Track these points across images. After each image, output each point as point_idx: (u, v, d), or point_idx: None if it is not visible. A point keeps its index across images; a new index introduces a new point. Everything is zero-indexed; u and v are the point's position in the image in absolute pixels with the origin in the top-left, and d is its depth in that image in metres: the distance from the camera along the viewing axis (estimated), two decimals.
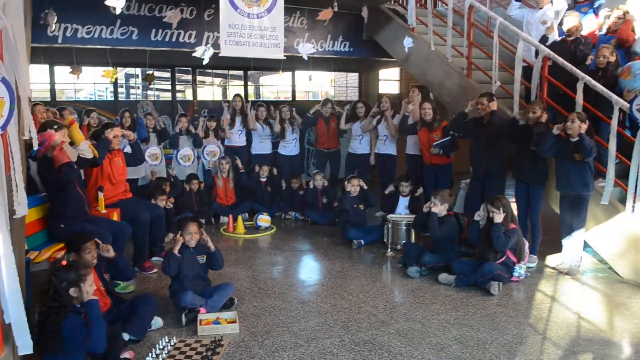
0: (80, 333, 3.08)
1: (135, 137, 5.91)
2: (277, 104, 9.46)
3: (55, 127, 4.42)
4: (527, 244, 5.13)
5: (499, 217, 4.80)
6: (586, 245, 5.48)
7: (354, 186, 6.59)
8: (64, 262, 3.27)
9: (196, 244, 4.42)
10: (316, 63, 9.01)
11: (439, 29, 7.52)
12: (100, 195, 5.08)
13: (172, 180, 7.05)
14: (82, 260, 3.61)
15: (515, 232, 4.85)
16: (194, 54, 6.45)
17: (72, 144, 4.71)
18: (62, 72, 9.62)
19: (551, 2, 6.42)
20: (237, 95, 8.16)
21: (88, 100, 10.66)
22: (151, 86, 9.15)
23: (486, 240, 4.89)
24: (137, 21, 7.30)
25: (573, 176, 5.05)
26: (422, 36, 7.64)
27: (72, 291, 3.17)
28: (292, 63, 9.13)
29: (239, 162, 7.80)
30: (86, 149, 4.74)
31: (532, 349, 3.69)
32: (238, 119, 7.99)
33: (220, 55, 6.46)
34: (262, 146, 8.21)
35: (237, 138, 8.07)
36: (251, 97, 11.33)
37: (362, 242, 6.26)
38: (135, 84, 11.35)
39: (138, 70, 10.64)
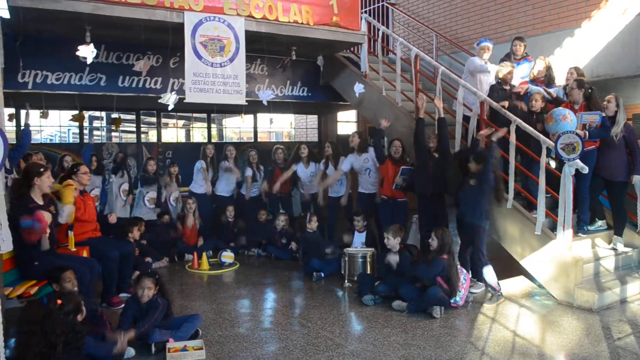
0: (101, 346, 3.71)
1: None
2: (239, 145, 9.85)
3: (41, 169, 4.71)
4: (463, 275, 5.55)
5: (434, 244, 5.34)
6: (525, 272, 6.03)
7: (312, 223, 7.09)
8: (59, 301, 3.60)
9: (149, 299, 4.42)
10: (277, 106, 9.52)
11: (389, 75, 8.16)
12: (70, 234, 5.32)
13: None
14: (63, 290, 3.94)
15: (440, 262, 5.29)
16: (159, 101, 6.83)
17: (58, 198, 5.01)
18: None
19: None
20: (209, 143, 8.52)
21: (50, 142, 10.87)
22: (118, 129, 9.43)
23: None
24: (105, 68, 7.68)
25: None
26: (374, 82, 8.26)
27: (79, 317, 3.58)
28: (254, 106, 9.59)
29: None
30: (67, 215, 5.00)
31: None
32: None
33: (185, 101, 6.89)
34: (227, 189, 8.51)
35: (200, 186, 8.41)
36: (214, 139, 11.72)
37: (322, 274, 6.63)
38: (101, 126, 11.62)
39: (102, 113, 10.96)
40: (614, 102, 5.95)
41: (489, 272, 5.71)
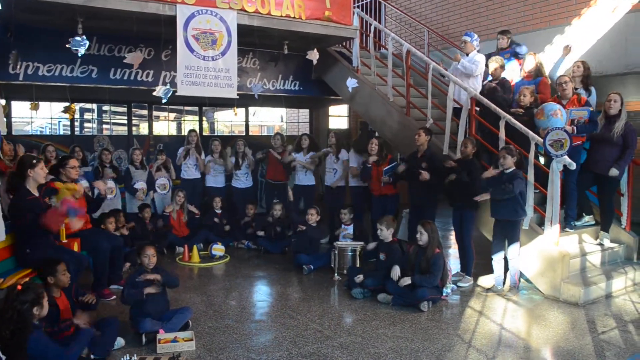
0: (48, 348, 3.40)
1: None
2: (231, 138, 9.85)
3: (34, 161, 4.71)
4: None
5: (423, 239, 5.35)
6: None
7: (312, 215, 7.13)
8: (19, 287, 3.56)
9: (154, 265, 4.69)
10: (268, 100, 9.55)
11: (381, 71, 8.20)
12: (62, 226, 5.32)
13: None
14: (59, 282, 3.96)
15: (439, 257, 5.35)
16: (154, 94, 6.82)
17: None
18: (18, 106, 9.82)
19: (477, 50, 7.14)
20: (192, 130, 8.57)
21: (41, 134, 10.83)
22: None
23: (419, 267, 5.40)
24: (97, 60, 7.65)
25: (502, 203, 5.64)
26: (366, 77, 8.29)
27: (36, 309, 3.50)
28: (245, 100, 9.60)
29: (193, 209, 8.22)
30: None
31: (458, 355, 4.18)
32: (193, 154, 8.36)
33: (177, 94, 6.88)
34: (215, 179, 8.56)
35: (192, 172, 8.44)
36: (206, 132, 11.71)
37: (312, 267, 6.67)
38: (92, 118, 11.58)
39: (94, 105, 10.94)
40: (619, 102, 6.03)
41: (517, 264, 5.78)
